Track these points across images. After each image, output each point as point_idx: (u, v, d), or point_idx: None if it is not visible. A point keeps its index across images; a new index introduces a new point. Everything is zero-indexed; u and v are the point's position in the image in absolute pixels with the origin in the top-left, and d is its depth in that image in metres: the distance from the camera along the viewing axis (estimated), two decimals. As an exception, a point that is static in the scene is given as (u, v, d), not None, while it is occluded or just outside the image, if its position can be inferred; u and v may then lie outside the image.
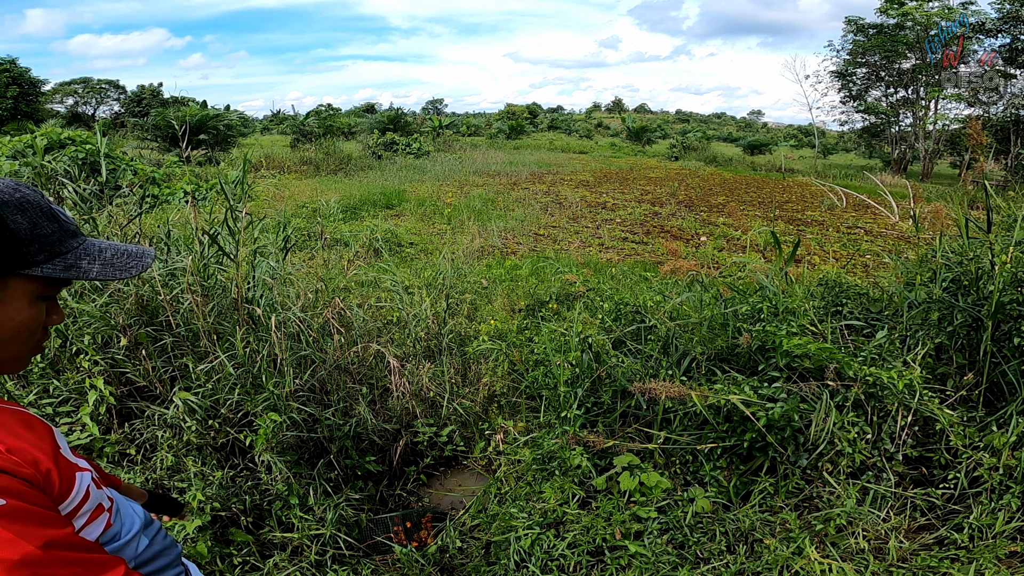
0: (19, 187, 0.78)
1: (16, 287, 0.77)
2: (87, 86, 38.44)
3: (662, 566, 2.10)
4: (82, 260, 0.81)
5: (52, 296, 0.83)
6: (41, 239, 0.77)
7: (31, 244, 0.76)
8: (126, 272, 0.84)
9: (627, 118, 44.60)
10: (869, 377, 2.40)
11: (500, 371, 3.38)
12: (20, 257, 0.75)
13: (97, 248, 0.84)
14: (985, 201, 2.74)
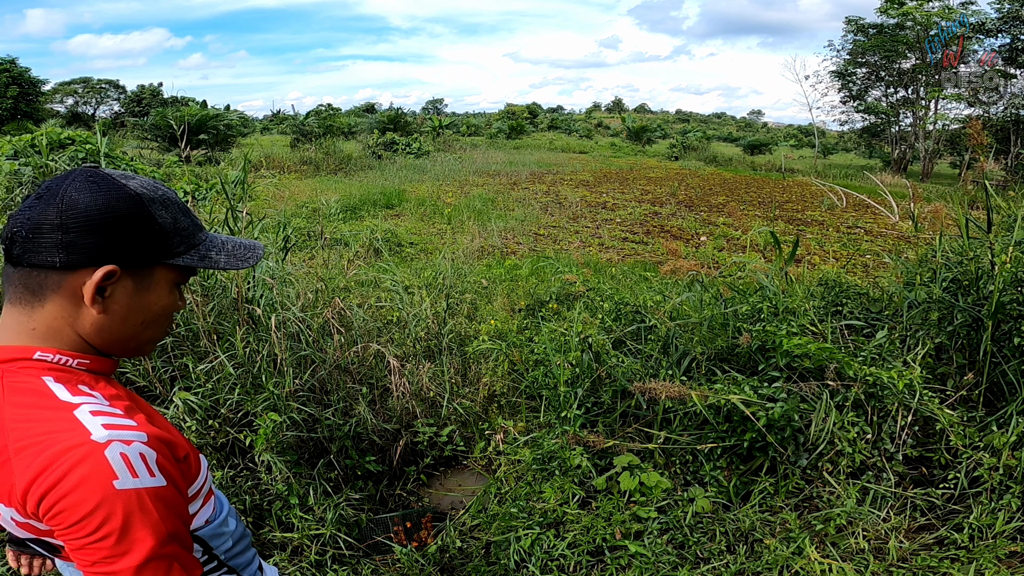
0: (159, 185, 0.85)
1: (160, 276, 0.84)
2: (87, 86, 38.44)
3: (662, 566, 2.10)
4: (211, 251, 0.88)
5: (182, 284, 0.90)
6: (181, 232, 0.85)
7: (174, 236, 0.83)
8: (245, 262, 0.91)
9: (627, 118, 44.60)
10: (869, 377, 2.40)
11: (500, 371, 3.38)
12: (165, 248, 0.83)
13: (220, 240, 0.91)
14: (985, 201, 2.74)
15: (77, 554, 0.72)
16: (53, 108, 34.95)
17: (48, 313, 0.78)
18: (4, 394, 0.75)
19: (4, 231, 0.77)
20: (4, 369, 0.77)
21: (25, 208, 0.77)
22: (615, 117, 67.22)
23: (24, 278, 0.77)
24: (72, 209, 0.75)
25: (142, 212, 0.79)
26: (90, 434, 0.71)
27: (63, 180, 0.78)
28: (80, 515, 0.69)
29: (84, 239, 0.76)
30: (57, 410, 0.74)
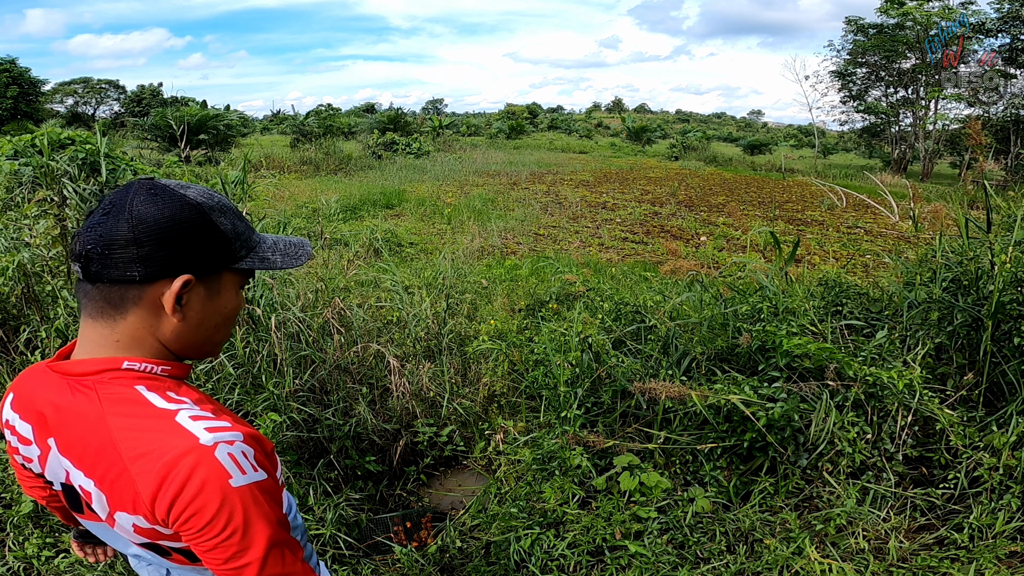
0: (213, 193, 0.86)
1: (227, 280, 0.88)
2: (87, 86, 38.43)
3: (662, 566, 2.10)
4: (268, 252, 0.91)
5: (244, 285, 0.93)
6: (240, 236, 0.87)
7: (235, 241, 0.86)
8: (298, 260, 0.94)
9: (627, 118, 44.59)
10: (869, 377, 2.40)
11: (500, 371, 3.38)
12: (230, 253, 0.86)
13: (271, 240, 0.94)
14: (985, 201, 2.74)
15: (209, 555, 0.77)
16: (53, 108, 34.95)
17: (130, 325, 0.81)
18: (103, 405, 0.78)
19: (76, 249, 0.79)
20: (96, 381, 0.80)
21: (94, 225, 0.79)
22: (615, 117, 67.22)
23: (104, 293, 0.80)
24: (143, 223, 0.78)
25: (205, 220, 0.82)
26: (198, 439, 0.75)
27: (125, 195, 0.80)
28: (208, 517, 0.74)
29: (158, 251, 0.78)
30: (159, 418, 0.77)
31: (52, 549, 2.11)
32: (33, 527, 2.17)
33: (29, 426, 0.87)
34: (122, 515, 0.79)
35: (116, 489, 0.78)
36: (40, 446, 0.86)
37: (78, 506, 0.87)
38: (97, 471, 0.78)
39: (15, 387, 0.93)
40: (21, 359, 2.83)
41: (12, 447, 0.93)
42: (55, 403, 0.82)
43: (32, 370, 0.92)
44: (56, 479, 0.86)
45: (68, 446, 0.82)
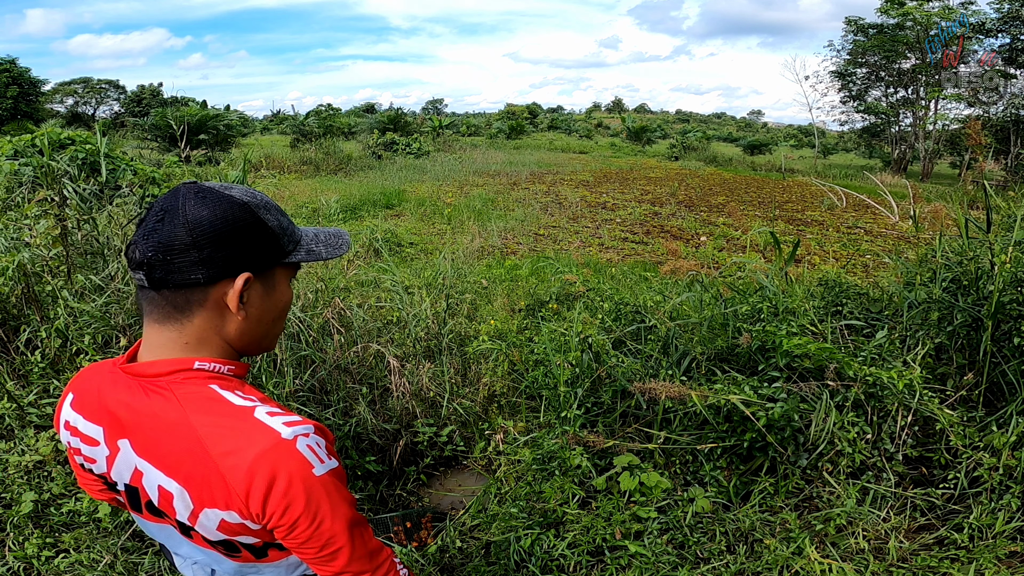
0: (254, 191, 0.88)
1: (280, 275, 0.90)
2: (87, 86, 38.43)
3: (662, 566, 2.10)
4: (312, 244, 0.93)
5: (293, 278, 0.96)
6: (286, 231, 0.89)
7: (283, 237, 0.88)
8: (340, 250, 0.96)
9: (627, 118, 44.59)
10: (869, 377, 2.40)
11: (500, 371, 3.38)
12: (280, 249, 0.88)
13: (312, 233, 0.95)
14: (985, 201, 2.74)
15: (302, 547, 0.82)
16: (53, 108, 34.95)
17: (196, 326, 0.84)
18: (183, 404, 0.80)
19: (136, 257, 0.80)
20: (169, 381, 0.82)
21: (149, 232, 0.80)
22: (615, 117, 67.20)
23: (169, 299, 0.82)
24: (199, 225, 0.79)
25: (254, 218, 0.84)
26: (279, 433, 0.78)
27: (175, 200, 0.81)
28: (300, 509, 0.78)
29: (217, 253, 0.80)
30: (240, 415, 0.80)
31: (52, 549, 2.11)
32: (33, 527, 2.17)
33: (99, 428, 0.88)
34: (210, 512, 0.81)
35: (205, 487, 0.79)
36: (109, 447, 0.87)
37: (137, 506, 0.89)
38: (182, 471, 0.80)
39: (75, 388, 0.94)
40: (21, 359, 2.83)
41: (72, 448, 0.93)
42: (129, 404, 0.84)
43: (94, 371, 0.93)
44: (120, 479, 0.88)
45: (147, 447, 0.83)
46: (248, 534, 0.83)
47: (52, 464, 2.36)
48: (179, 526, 0.87)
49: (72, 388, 0.94)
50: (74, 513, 2.22)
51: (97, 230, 3.24)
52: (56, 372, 2.73)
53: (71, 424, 0.92)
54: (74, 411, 0.91)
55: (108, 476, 0.90)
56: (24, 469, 2.33)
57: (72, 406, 0.92)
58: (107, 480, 0.91)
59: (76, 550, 2.10)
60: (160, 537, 0.98)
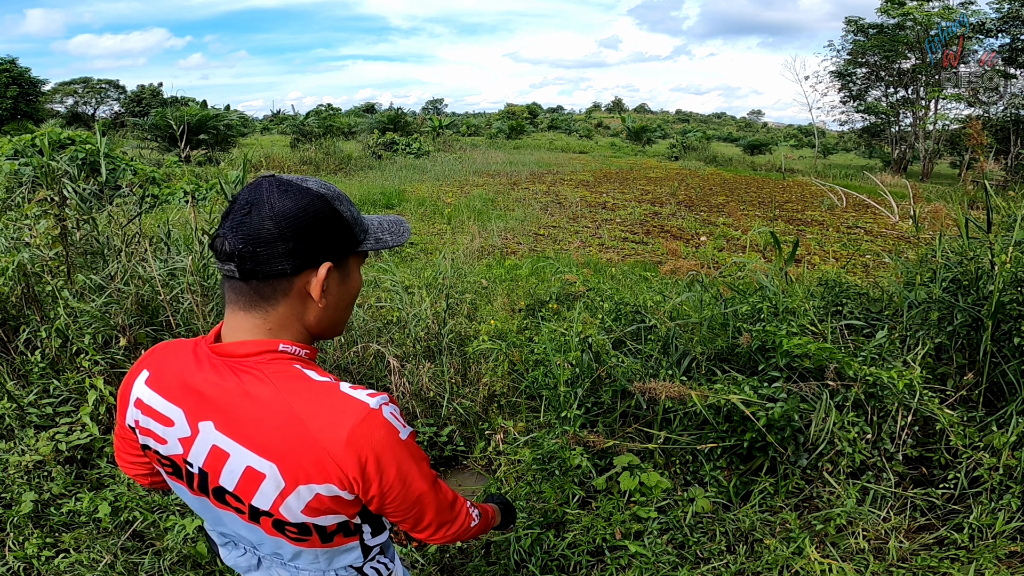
0: (327, 183, 0.91)
1: (353, 263, 0.94)
2: (87, 86, 38.41)
3: (662, 566, 2.10)
4: (379, 233, 0.96)
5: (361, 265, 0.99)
6: (357, 221, 0.92)
7: (355, 227, 0.91)
8: (403, 237, 1.00)
9: (627, 118, 44.58)
10: (869, 377, 2.40)
11: (500, 371, 3.38)
12: (353, 238, 0.91)
13: (377, 222, 0.98)
14: (985, 201, 2.74)
15: (396, 509, 0.90)
16: (53, 108, 34.94)
17: (280, 314, 0.88)
18: (275, 383, 0.84)
19: (226, 250, 0.83)
20: (257, 362, 0.86)
21: (237, 225, 0.82)
22: (615, 117, 67.18)
23: (256, 288, 0.85)
24: (285, 218, 0.82)
25: (332, 209, 0.87)
26: (367, 404, 0.84)
27: (258, 193, 0.84)
28: (395, 472, 0.86)
29: (301, 244, 0.84)
30: (328, 391, 0.85)
31: (52, 549, 2.11)
32: (33, 527, 2.17)
33: (179, 409, 0.89)
34: (303, 489, 0.84)
35: (302, 463, 0.82)
36: (191, 427, 0.88)
37: (204, 489, 0.92)
38: (276, 449, 0.83)
39: (150, 365, 0.94)
40: (21, 359, 2.83)
41: (141, 427, 0.94)
42: (220, 384, 0.86)
43: (171, 350, 0.94)
44: (196, 462, 0.89)
45: (236, 427, 0.84)
46: (335, 511, 0.87)
47: (52, 464, 2.36)
48: (249, 512, 0.89)
49: (147, 365, 0.95)
50: (74, 513, 2.22)
51: (97, 230, 3.24)
52: (56, 372, 2.73)
53: (144, 402, 0.92)
54: (150, 389, 0.92)
55: (182, 458, 0.91)
56: (24, 469, 2.33)
57: (148, 384, 0.93)
58: (174, 462, 0.92)
59: (76, 550, 2.10)
60: (216, 523, 1.00)
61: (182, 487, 0.96)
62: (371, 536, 0.98)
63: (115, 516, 2.18)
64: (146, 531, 2.19)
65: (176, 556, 2.10)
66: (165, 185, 10.76)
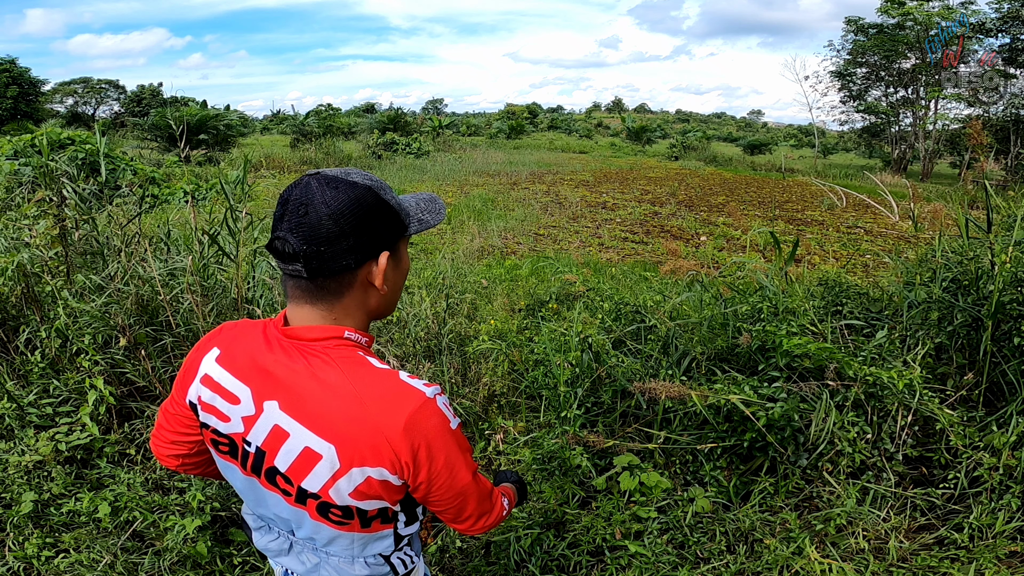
0: (368, 173, 0.94)
1: (402, 246, 0.98)
2: (87, 86, 38.41)
3: (662, 566, 2.10)
4: (419, 214, 0.99)
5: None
6: (401, 206, 0.95)
7: (400, 212, 0.94)
8: (440, 215, 1.03)
9: (627, 118, 44.58)
10: (869, 377, 2.40)
11: (500, 371, 3.38)
12: (401, 224, 0.94)
13: (413, 202, 1.01)
14: (985, 201, 2.74)
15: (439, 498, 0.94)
16: (53, 108, 34.92)
17: (345, 304, 0.92)
18: (341, 367, 0.88)
19: (288, 251, 0.85)
20: (325, 347, 0.90)
21: (295, 226, 0.85)
22: (615, 117, 67.17)
23: (323, 284, 0.89)
24: (342, 215, 0.85)
25: (380, 200, 0.90)
26: (424, 393, 0.89)
27: (309, 191, 0.86)
28: (443, 459, 0.90)
29: (361, 237, 0.87)
30: (388, 378, 0.89)
31: (52, 549, 2.11)
32: (33, 527, 2.17)
33: (247, 388, 0.92)
34: (356, 471, 0.88)
35: (360, 445, 0.86)
36: (256, 406, 0.91)
37: (257, 469, 0.95)
38: (336, 430, 0.86)
39: (220, 343, 0.98)
40: (21, 359, 2.83)
41: (203, 402, 0.96)
42: (289, 366, 0.89)
43: (240, 331, 0.98)
44: (255, 440, 0.93)
45: (300, 408, 0.88)
46: (380, 497, 0.91)
47: (52, 464, 2.36)
48: (296, 494, 0.93)
49: (217, 343, 0.98)
50: (74, 513, 2.22)
51: (97, 230, 3.24)
52: (56, 372, 2.73)
53: (213, 379, 0.95)
54: (219, 366, 0.95)
55: (241, 436, 0.94)
56: (24, 469, 2.33)
57: (218, 361, 0.95)
58: (232, 440, 0.95)
59: (76, 550, 2.10)
60: (258, 505, 1.03)
61: (233, 467, 0.99)
62: (404, 525, 1.02)
63: (115, 516, 2.18)
64: (146, 531, 2.19)
65: (176, 556, 2.10)
66: (165, 185, 10.77)
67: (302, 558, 1.05)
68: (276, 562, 1.11)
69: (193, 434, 1.03)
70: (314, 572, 1.05)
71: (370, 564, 1.02)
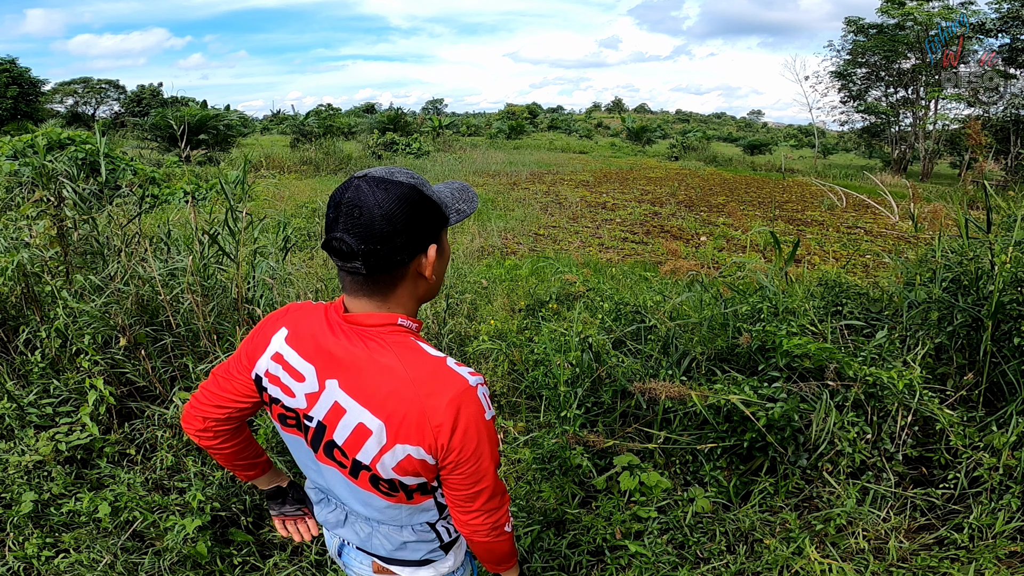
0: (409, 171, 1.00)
1: (444, 235, 1.05)
2: (87, 86, 38.39)
3: (662, 566, 2.10)
4: (456, 204, 1.06)
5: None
6: (441, 199, 1.02)
7: (441, 205, 1.01)
8: (475, 204, 1.10)
9: (627, 118, 44.57)
10: (869, 377, 2.40)
11: (500, 371, 3.38)
12: (443, 216, 1.01)
13: (448, 192, 1.07)
14: (985, 201, 2.74)
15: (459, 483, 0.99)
16: (53, 108, 34.91)
17: (398, 295, 1.00)
18: (395, 351, 0.96)
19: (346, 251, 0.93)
20: (380, 332, 0.98)
21: (351, 227, 0.92)
22: (615, 117, 67.15)
23: (379, 279, 0.97)
24: (394, 215, 0.92)
25: (424, 196, 0.97)
26: (467, 380, 0.96)
27: (360, 193, 0.93)
28: (474, 446, 0.96)
29: (412, 233, 0.95)
30: (437, 364, 0.97)
31: (52, 549, 2.11)
32: (33, 527, 2.17)
33: (311, 366, 1.01)
34: (399, 448, 0.96)
35: (406, 423, 0.95)
36: (320, 384, 1.00)
37: (316, 443, 1.05)
38: (387, 408, 0.95)
39: (288, 324, 1.07)
40: (21, 359, 2.83)
41: (270, 374, 1.05)
42: (349, 348, 0.98)
43: (304, 314, 1.06)
44: (317, 415, 1.02)
45: (357, 386, 0.97)
46: (418, 473, 0.99)
47: (52, 464, 2.36)
48: (352, 466, 1.02)
49: (285, 323, 1.07)
50: (74, 513, 2.22)
51: (97, 230, 3.24)
52: (56, 372, 2.73)
53: (283, 357, 1.04)
54: (288, 345, 1.04)
55: (304, 412, 1.03)
56: (24, 469, 2.33)
57: (287, 340, 1.05)
58: (298, 415, 1.04)
59: (76, 550, 2.10)
60: (318, 477, 1.14)
61: (299, 439, 1.09)
62: (443, 496, 1.09)
63: (115, 516, 2.18)
64: (146, 531, 2.19)
65: (176, 556, 2.10)
66: (165, 185, 10.77)
67: (356, 528, 1.16)
68: (333, 533, 1.22)
69: (240, 402, 1.12)
70: (367, 541, 1.15)
71: (417, 531, 1.12)
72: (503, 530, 1.09)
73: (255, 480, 1.35)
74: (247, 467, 1.31)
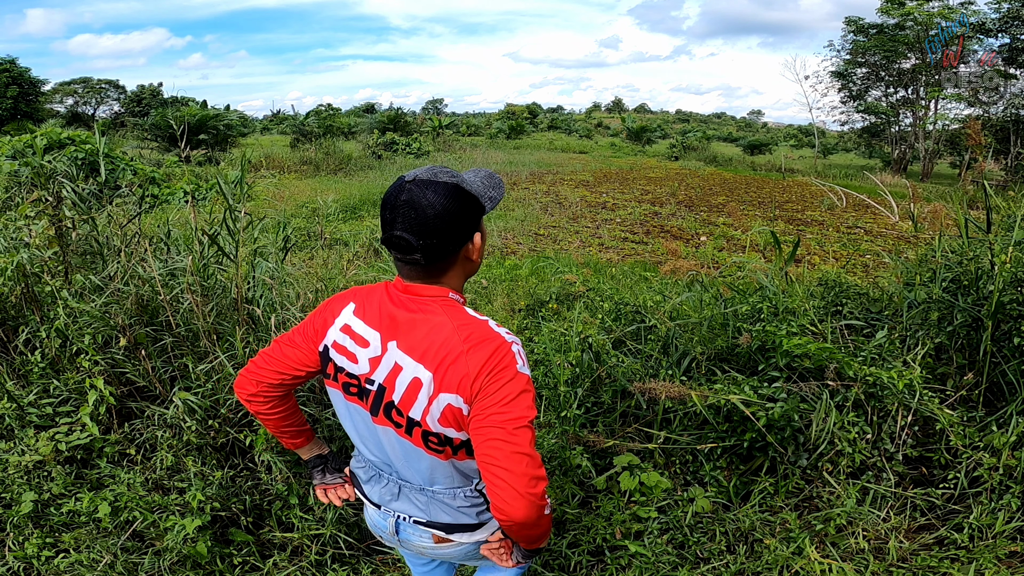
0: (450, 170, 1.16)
1: (482, 221, 1.22)
2: (87, 86, 38.38)
3: (662, 566, 2.10)
4: (488, 192, 1.20)
5: None
6: (477, 191, 1.17)
7: (479, 196, 1.16)
8: (502, 190, 1.24)
9: (627, 118, 44.56)
10: (869, 377, 2.40)
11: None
12: (481, 206, 1.17)
13: (479, 181, 1.20)
14: (985, 201, 2.74)
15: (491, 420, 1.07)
16: (53, 108, 34.88)
17: (449, 277, 1.19)
18: (446, 313, 1.14)
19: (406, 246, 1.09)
20: (435, 300, 1.16)
21: (408, 225, 1.08)
22: (615, 117, 67.13)
23: (435, 266, 1.14)
24: (446, 212, 1.09)
25: (466, 192, 1.13)
26: (504, 337, 1.13)
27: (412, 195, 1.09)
28: (505, 378, 1.09)
29: (460, 226, 1.12)
30: (480, 323, 1.14)
31: (52, 549, 2.11)
32: (33, 527, 2.17)
33: (376, 332, 1.18)
34: (443, 396, 1.11)
35: (451, 373, 1.10)
36: (382, 348, 1.16)
37: (376, 407, 1.19)
38: (435, 359, 1.11)
39: (356, 299, 1.23)
40: (21, 359, 2.83)
41: (337, 344, 1.21)
42: (408, 311, 1.16)
43: (370, 289, 1.24)
44: (378, 378, 1.17)
45: (412, 344, 1.13)
46: (460, 425, 1.12)
47: (52, 464, 2.36)
48: (406, 424, 1.16)
49: (353, 298, 1.24)
50: (74, 513, 2.22)
51: (96, 230, 3.23)
52: (56, 372, 2.73)
53: (351, 327, 1.20)
54: (356, 317, 1.21)
55: (366, 376, 1.19)
56: (24, 469, 2.33)
57: (355, 313, 1.21)
58: (360, 380, 1.20)
59: (76, 550, 2.10)
60: (374, 445, 1.27)
61: (358, 407, 1.23)
62: None
63: (115, 516, 2.18)
64: (146, 531, 2.19)
65: (176, 556, 2.10)
66: (165, 185, 10.77)
67: (412, 498, 1.29)
68: (388, 511, 1.33)
69: (298, 370, 1.27)
70: (425, 511, 1.28)
71: (468, 496, 1.26)
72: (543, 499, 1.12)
73: (300, 449, 1.47)
74: (294, 434, 1.43)
